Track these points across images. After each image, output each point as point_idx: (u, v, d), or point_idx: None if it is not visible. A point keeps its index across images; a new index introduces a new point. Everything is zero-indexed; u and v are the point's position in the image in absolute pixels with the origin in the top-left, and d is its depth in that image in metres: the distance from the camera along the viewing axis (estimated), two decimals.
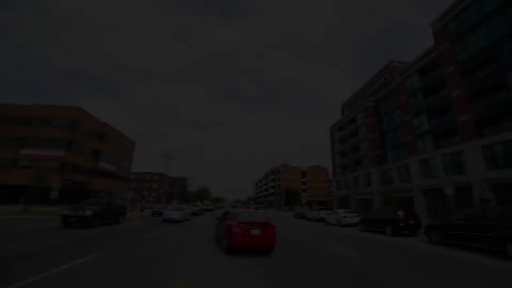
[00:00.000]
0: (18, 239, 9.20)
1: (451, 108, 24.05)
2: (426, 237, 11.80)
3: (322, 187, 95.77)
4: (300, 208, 44.55)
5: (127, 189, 50.13)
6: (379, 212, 16.17)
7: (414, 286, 5.25)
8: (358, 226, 18.57)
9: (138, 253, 7.87)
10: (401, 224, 13.64)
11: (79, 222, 12.96)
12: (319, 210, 27.42)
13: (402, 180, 31.45)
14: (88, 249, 7.68)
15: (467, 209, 10.42)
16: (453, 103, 23.56)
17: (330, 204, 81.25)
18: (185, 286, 4.79)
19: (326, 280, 5.57)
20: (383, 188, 33.33)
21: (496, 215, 8.83)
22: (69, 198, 31.65)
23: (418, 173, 27.48)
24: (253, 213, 9.35)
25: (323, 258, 7.96)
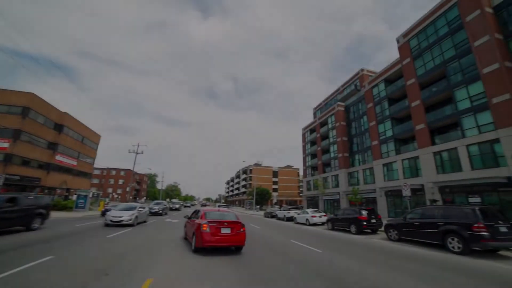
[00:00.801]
0: None
1: (411, 117, 26.29)
2: (385, 234, 12.76)
3: (293, 187, 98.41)
4: (271, 207, 45.33)
5: (89, 186, 46.46)
6: (344, 212, 17.06)
7: (368, 277, 5.74)
8: (325, 225, 19.47)
9: None
10: (364, 223, 14.60)
11: None
12: (289, 210, 28.14)
13: (367, 182, 33.63)
14: None
15: (419, 209, 11.48)
16: (412, 113, 25.78)
17: (300, 204, 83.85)
18: (151, 286, 4.69)
19: (292, 276, 5.83)
20: (349, 189, 35.26)
21: (440, 214, 9.95)
22: None
23: (381, 176, 29.59)
24: (224, 211, 9.35)
25: (290, 256, 8.27)
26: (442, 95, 23.12)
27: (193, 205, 79.12)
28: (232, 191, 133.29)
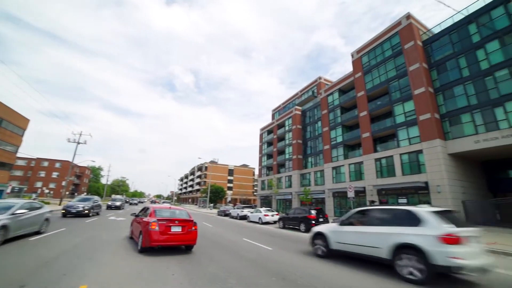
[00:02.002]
0: None
1: (359, 126, 29.12)
2: None
3: (247, 186, 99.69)
4: (225, 205, 45.18)
5: (7, 179, 39.03)
6: (295, 211, 17.95)
7: (313, 272, 6.17)
8: (277, 223, 20.24)
9: None
10: (313, 222, 15.61)
11: None
12: (243, 208, 28.44)
13: (317, 183, 36.06)
14: None
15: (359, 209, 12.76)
16: (360, 122, 28.59)
17: (253, 203, 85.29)
18: None
19: (243, 274, 5.94)
20: (301, 189, 37.29)
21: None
22: None
23: (331, 178, 32.05)
24: (176, 209, 9.02)
25: (242, 254, 8.40)
26: (385, 109, 26.20)
27: (142, 202, 72.98)
28: (185, 188, 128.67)
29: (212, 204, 60.19)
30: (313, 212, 16.13)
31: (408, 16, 24.70)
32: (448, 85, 21.66)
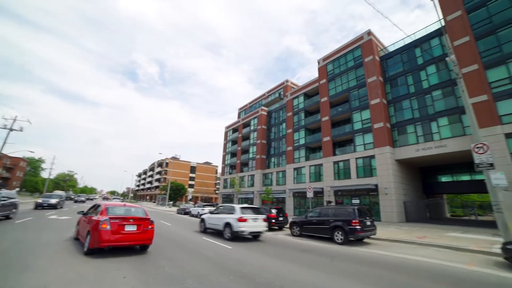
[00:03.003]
0: None
1: (320, 130, 30.70)
2: (289, 231, 14.34)
3: (209, 184, 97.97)
4: (185, 203, 43.71)
5: None
6: None
7: (270, 269, 6.31)
8: None
9: None
10: (273, 221, 15.97)
11: None
12: (204, 207, 27.84)
13: (279, 183, 37.06)
14: None
15: (317, 209, 13.50)
16: (322, 126, 30.18)
17: (215, 201, 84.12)
18: None
19: (201, 273, 5.79)
20: (263, 189, 37.92)
21: (332, 213, 12.03)
22: None
23: (292, 179, 33.20)
24: (131, 207, 8.43)
25: (201, 253, 8.20)
26: (345, 115, 28.07)
27: (93, 199, 66.17)
28: (143, 184, 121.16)
29: (171, 202, 57.69)
30: (274, 211, 16.48)
31: (369, 33, 26.89)
32: (398, 99, 24.17)
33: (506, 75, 17.02)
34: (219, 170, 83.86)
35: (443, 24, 20.09)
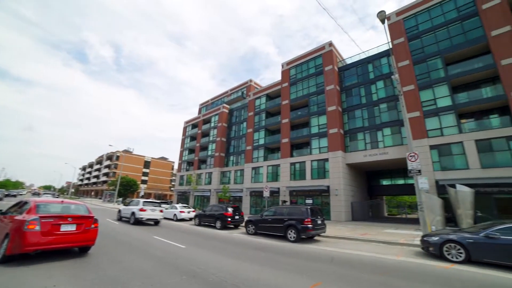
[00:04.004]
0: None
1: (280, 131, 31.68)
2: (245, 229, 14.48)
3: (165, 181, 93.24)
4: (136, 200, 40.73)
5: None
6: (212, 208, 17.82)
7: (225, 268, 6.31)
8: (193, 220, 19.69)
9: None
10: (229, 219, 15.93)
11: None
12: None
13: (237, 182, 37.11)
14: None
15: (273, 208, 13.91)
16: (282, 128, 31.19)
17: (170, 198, 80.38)
18: None
19: (149, 274, 5.50)
20: (220, 187, 37.56)
21: (286, 212, 12.54)
22: None
23: (249, 178, 33.55)
24: (71, 203, 7.50)
25: (151, 252, 7.79)
26: (303, 119, 29.47)
27: (14, 195, 54.32)
28: (88, 179, 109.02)
29: (121, 199, 53.18)
30: (230, 209, 16.45)
31: (330, 44, 28.75)
32: (352, 108, 26.37)
33: (432, 97, 20.22)
34: (176, 166, 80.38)
35: (391, 46, 22.68)
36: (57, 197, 30.81)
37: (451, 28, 20.62)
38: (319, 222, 12.04)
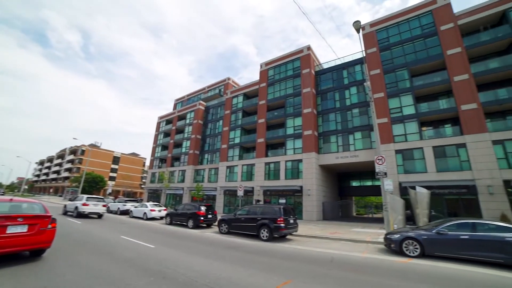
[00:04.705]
0: None
1: (256, 131, 31.85)
2: (218, 228, 14.34)
3: (135, 178, 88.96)
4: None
5: None
6: (185, 207, 17.38)
7: (196, 267, 6.22)
8: (164, 219, 19.05)
9: None
10: (202, 218, 15.66)
11: None
12: (125, 202, 25.13)
13: (211, 180, 36.60)
14: None
15: (246, 207, 13.95)
16: (258, 128, 31.38)
17: (140, 196, 76.94)
18: None
19: (115, 276, 5.22)
20: (194, 185, 36.78)
21: (259, 211, 12.65)
22: None
23: (224, 176, 33.28)
24: (22, 202, 6.78)
25: (118, 254, 7.40)
26: (279, 120, 29.93)
27: None
28: (47, 174, 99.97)
29: (86, 196, 49.61)
30: (203, 208, 16.18)
31: (309, 48, 29.54)
32: (326, 111, 27.35)
33: (399, 105, 21.79)
34: (147, 163, 77.10)
35: (364, 55, 23.95)
36: (2, 194, 27.56)
37: (416, 44, 22.43)
38: (292, 221, 12.33)
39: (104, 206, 19.00)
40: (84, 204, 17.83)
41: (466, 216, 16.38)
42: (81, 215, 17.93)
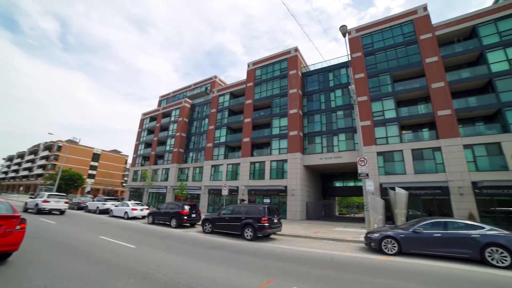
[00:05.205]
0: None
1: (242, 130, 31.79)
2: (201, 228, 14.19)
3: (116, 176, 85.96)
4: (81, 196, 36.78)
5: None
6: (168, 206, 17.04)
7: (177, 267, 6.13)
8: (146, 219, 18.58)
9: None
10: (185, 217, 15.44)
11: None
12: (105, 201, 24.25)
13: (195, 179, 36.11)
14: None
15: (230, 206, 13.90)
16: (244, 127, 31.34)
17: (121, 195, 74.49)
18: None
19: (93, 279, 5.03)
20: (178, 184, 36.12)
21: (244, 211, 12.66)
22: None
23: (208, 175, 32.94)
24: None
25: (97, 255, 7.13)
26: (265, 120, 30.06)
27: None
28: (16, 171, 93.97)
29: (62, 194, 47.15)
30: (187, 207, 15.95)
31: (296, 49, 29.90)
32: (312, 112, 27.82)
33: (381, 109, 22.60)
34: (130, 160, 74.76)
35: (350, 59, 24.60)
36: None
37: (398, 50, 23.37)
38: (276, 220, 12.43)
39: (66, 203, 19.65)
40: (44, 201, 18.38)
41: (439, 215, 17.30)
42: (41, 212, 18.43)
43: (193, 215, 16.15)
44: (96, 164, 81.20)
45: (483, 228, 7.94)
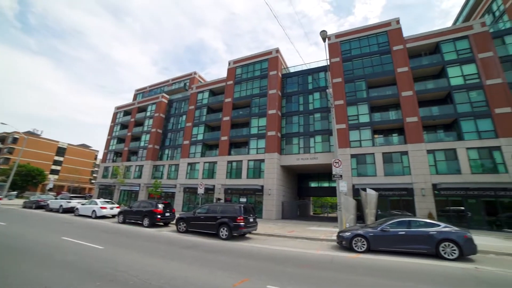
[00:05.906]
0: None
1: (220, 128, 31.45)
2: (175, 227, 13.79)
3: (84, 172, 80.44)
4: (40, 194, 33.90)
5: None
6: (140, 204, 16.39)
7: (149, 268, 5.91)
8: (116, 218, 17.65)
9: None
10: (159, 216, 14.92)
11: None
12: (70, 199, 22.63)
13: (170, 177, 35.02)
14: None
15: (206, 205, 13.69)
16: (222, 125, 31.02)
17: (89, 192, 69.99)
18: None
19: (52, 284, 4.65)
20: (152, 181, 34.80)
21: (219, 210, 12.54)
22: None
23: (184, 173, 32.12)
24: None
25: (59, 258, 6.64)
26: (244, 119, 30.03)
27: None
28: None
29: (15, 192, 43.07)
30: (160, 206, 15.43)
31: (277, 50, 30.22)
32: (290, 113, 28.30)
33: (356, 113, 23.68)
34: (100, 156, 70.40)
35: (329, 63, 25.42)
36: None
37: (373, 58, 24.63)
38: (251, 220, 12.46)
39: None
40: None
41: (403, 215, 18.58)
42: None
43: (167, 214, 15.67)
44: (61, 159, 75.39)
45: (439, 225, 8.80)
